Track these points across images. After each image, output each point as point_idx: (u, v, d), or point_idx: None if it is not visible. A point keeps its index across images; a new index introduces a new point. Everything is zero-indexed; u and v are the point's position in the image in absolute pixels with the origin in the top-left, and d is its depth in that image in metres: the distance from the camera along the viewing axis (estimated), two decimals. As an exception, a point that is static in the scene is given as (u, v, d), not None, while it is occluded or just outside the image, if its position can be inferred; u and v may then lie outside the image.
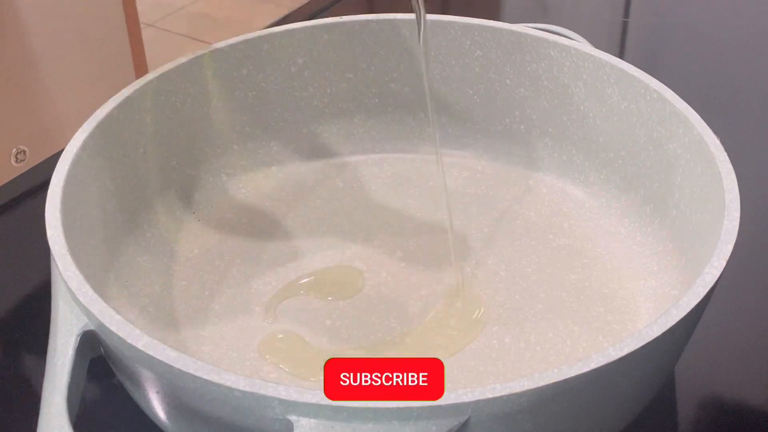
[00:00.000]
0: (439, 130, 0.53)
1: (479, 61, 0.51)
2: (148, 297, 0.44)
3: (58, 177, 0.39)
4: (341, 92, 0.53)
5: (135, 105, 0.45)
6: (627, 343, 0.31)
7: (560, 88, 0.50)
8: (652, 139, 0.45)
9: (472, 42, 0.51)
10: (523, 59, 0.50)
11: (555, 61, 0.49)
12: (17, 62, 0.88)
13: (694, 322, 0.35)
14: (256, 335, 0.42)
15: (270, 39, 0.50)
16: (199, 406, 0.32)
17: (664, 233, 0.45)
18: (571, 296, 0.44)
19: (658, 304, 0.43)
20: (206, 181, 0.50)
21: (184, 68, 0.48)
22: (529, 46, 0.50)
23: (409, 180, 0.52)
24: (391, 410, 0.29)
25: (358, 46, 0.52)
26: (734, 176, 0.39)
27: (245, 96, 0.51)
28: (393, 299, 0.44)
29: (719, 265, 0.34)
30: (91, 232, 0.41)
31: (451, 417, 0.30)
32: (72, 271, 0.35)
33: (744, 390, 0.42)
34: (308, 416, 0.30)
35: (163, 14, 1.87)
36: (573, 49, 0.48)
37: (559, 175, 0.51)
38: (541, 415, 0.31)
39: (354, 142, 0.54)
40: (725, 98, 0.62)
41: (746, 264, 0.42)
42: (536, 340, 0.42)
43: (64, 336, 0.33)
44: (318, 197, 0.51)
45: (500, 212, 0.50)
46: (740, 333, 0.44)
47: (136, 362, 0.32)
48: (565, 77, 0.49)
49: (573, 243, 0.47)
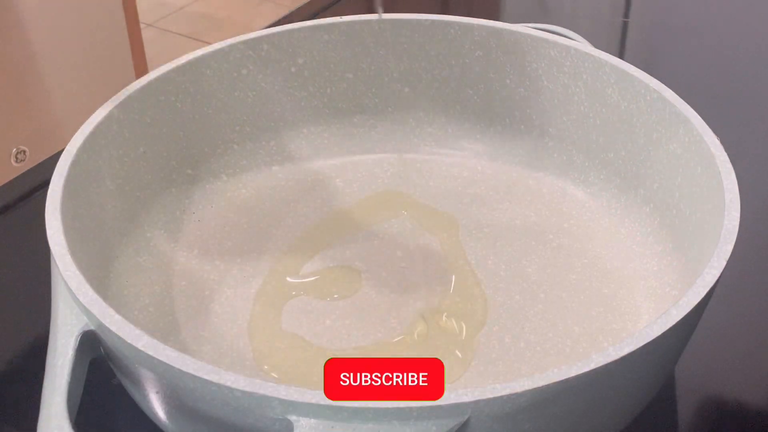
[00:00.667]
0: (439, 130, 0.53)
1: (479, 61, 0.51)
2: (148, 297, 0.44)
3: (58, 177, 0.39)
4: (341, 92, 0.53)
5: (135, 105, 0.45)
6: (627, 343, 0.31)
7: (560, 88, 0.50)
8: (652, 139, 0.45)
9: (472, 42, 0.51)
10: (523, 59, 0.50)
11: (555, 61, 0.49)
12: (17, 62, 0.88)
13: (694, 322, 0.35)
14: (256, 335, 0.42)
15: (270, 39, 0.50)
16: (199, 406, 0.32)
17: (664, 233, 0.45)
18: (571, 296, 0.44)
19: (658, 304, 0.43)
20: (206, 181, 0.50)
21: (184, 68, 0.48)
22: (529, 46, 0.50)
23: (409, 180, 0.52)
24: (391, 410, 0.29)
25: (358, 46, 0.52)
26: (734, 176, 0.39)
27: (245, 96, 0.51)
28: (393, 299, 0.44)
29: (719, 265, 0.34)
30: (91, 232, 0.41)
31: (451, 417, 0.30)
32: (72, 271, 0.35)
33: (744, 390, 0.42)
34: (308, 416, 0.30)
35: (163, 14, 1.87)
36: (573, 49, 0.48)
37: (559, 175, 0.51)
38: (541, 415, 0.31)
39: (354, 142, 0.54)
40: (725, 98, 0.62)
41: (746, 264, 0.42)
42: (536, 340, 0.42)
43: (64, 336, 0.33)
44: (318, 197, 0.51)
45: (500, 212, 0.50)
46: (740, 333, 0.44)
47: (136, 362, 0.32)
48: (565, 77, 0.49)
49: (573, 243, 0.47)
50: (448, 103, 0.53)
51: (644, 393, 0.37)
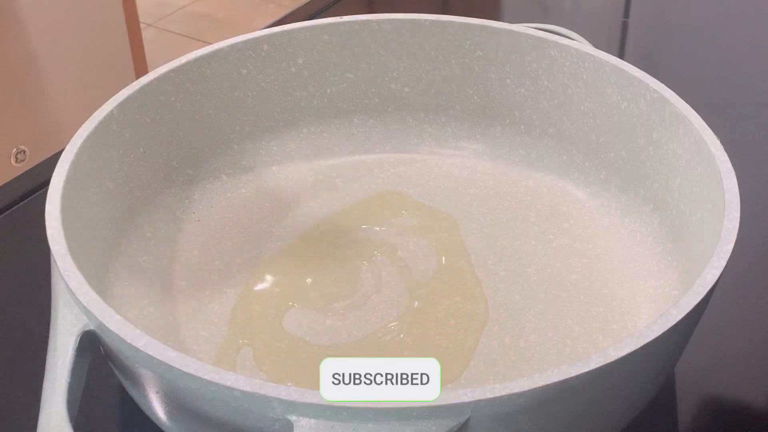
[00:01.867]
0: (439, 130, 0.53)
1: (479, 61, 0.51)
2: (148, 297, 0.44)
3: (58, 177, 0.39)
4: (341, 92, 0.53)
5: (135, 105, 0.45)
6: (627, 343, 0.31)
7: (560, 88, 0.50)
8: (652, 139, 0.45)
9: (472, 42, 0.51)
10: (523, 59, 0.50)
11: (555, 61, 0.49)
12: (17, 62, 0.88)
13: (694, 322, 0.35)
14: (256, 335, 0.42)
15: (270, 39, 0.50)
16: (199, 406, 0.32)
17: (664, 233, 0.45)
18: (571, 296, 0.44)
19: (658, 304, 0.43)
20: (206, 181, 0.50)
21: (184, 68, 0.48)
22: (529, 46, 0.50)
23: (409, 180, 0.52)
24: (391, 410, 0.29)
25: (358, 46, 0.52)
26: (734, 176, 0.39)
27: (245, 96, 0.51)
28: (393, 299, 0.44)
29: (719, 265, 0.34)
30: (91, 232, 0.41)
31: (451, 417, 0.30)
32: (72, 271, 0.35)
33: (744, 390, 0.42)
34: (308, 416, 0.30)
35: (163, 14, 1.87)
36: (573, 49, 0.48)
37: (559, 175, 0.51)
38: (541, 415, 0.31)
39: (354, 142, 0.54)
40: (725, 98, 0.62)
41: (746, 264, 0.42)
42: (536, 340, 0.42)
43: (64, 336, 0.33)
44: (318, 197, 0.51)
45: (500, 212, 0.50)
46: (740, 333, 0.44)
47: (136, 362, 0.32)
48: (565, 77, 0.49)
49: (573, 243, 0.47)
50: (448, 103, 0.53)
51: (644, 393, 0.37)
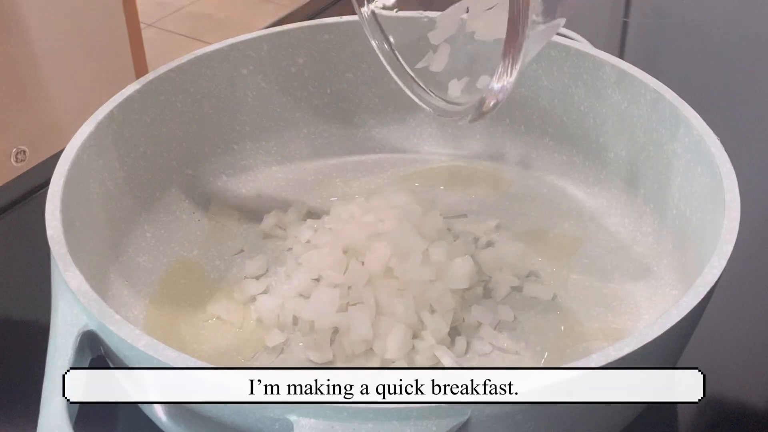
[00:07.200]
0: (439, 130, 0.53)
1: (479, 61, 0.51)
2: (148, 297, 0.44)
3: (58, 177, 0.39)
4: (341, 92, 0.53)
5: (135, 105, 0.45)
6: (627, 343, 0.31)
7: (560, 88, 0.50)
8: (652, 139, 0.45)
9: (472, 42, 0.51)
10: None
11: (555, 61, 0.49)
12: (17, 62, 0.88)
13: (694, 322, 0.35)
14: (255, 335, 0.42)
15: (270, 39, 0.50)
16: (198, 406, 0.32)
17: (664, 233, 0.45)
18: (571, 296, 0.44)
19: (658, 304, 0.43)
20: (206, 181, 0.50)
21: (184, 68, 0.48)
22: (529, 46, 0.50)
23: (409, 180, 0.52)
24: (391, 410, 0.29)
25: (358, 46, 0.52)
26: (734, 176, 0.39)
27: (245, 96, 0.51)
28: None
29: (719, 265, 0.34)
30: (91, 232, 0.41)
31: (451, 417, 0.30)
32: (72, 271, 0.35)
33: (744, 390, 0.42)
34: (308, 416, 0.30)
35: (163, 14, 1.87)
36: (573, 49, 0.48)
37: (559, 175, 0.51)
38: (541, 415, 0.31)
39: (354, 142, 0.54)
40: (725, 98, 0.62)
41: (746, 264, 0.41)
42: (536, 340, 0.42)
43: (64, 336, 0.33)
44: (318, 197, 0.51)
45: (501, 212, 0.50)
46: (740, 333, 0.44)
47: (136, 362, 0.32)
48: (565, 77, 0.49)
49: (573, 243, 0.47)
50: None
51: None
